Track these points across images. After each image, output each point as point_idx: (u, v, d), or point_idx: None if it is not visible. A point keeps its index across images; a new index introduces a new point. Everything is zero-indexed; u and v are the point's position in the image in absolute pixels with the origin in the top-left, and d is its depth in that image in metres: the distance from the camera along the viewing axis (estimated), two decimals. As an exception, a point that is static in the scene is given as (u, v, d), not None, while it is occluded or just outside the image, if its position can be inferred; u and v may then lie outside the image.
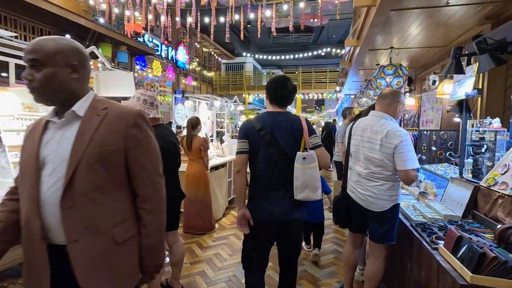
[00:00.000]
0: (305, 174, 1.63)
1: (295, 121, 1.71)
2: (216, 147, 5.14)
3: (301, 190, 1.65)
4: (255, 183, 1.75)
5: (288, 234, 1.77)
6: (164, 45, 10.15)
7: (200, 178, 3.53)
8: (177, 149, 2.21)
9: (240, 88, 18.02)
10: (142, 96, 2.03)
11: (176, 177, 2.22)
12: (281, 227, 1.74)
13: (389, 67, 4.92)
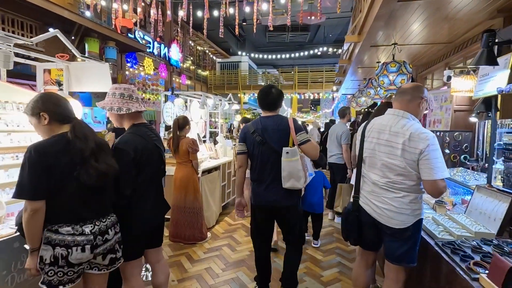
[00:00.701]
0: (289, 166, 1.96)
1: (282, 123, 2.06)
2: (209, 148, 4.81)
3: (287, 179, 1.98)
4: (253, 174, 2.14)
5: (283, 218, 2.17)
6: (156, 42, 9.77)
7: (188, 183, 3.21)
8: (161, 154, 1.89)
9: (236, 88, 17.72)
10: (118, 91, 1.70)
11: (158, 188, 1.89)
12: (275, 211, 2.13)
13: (392, 64, 4.65)
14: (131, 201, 1.67)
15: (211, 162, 4.35)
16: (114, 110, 1.67)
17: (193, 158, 3.20)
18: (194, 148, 3.14)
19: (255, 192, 2.13)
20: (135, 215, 1.69)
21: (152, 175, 1.79)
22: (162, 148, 1.94)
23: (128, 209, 1.65)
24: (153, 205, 1.81)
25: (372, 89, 6.13)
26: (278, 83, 17.91)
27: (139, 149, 1.66)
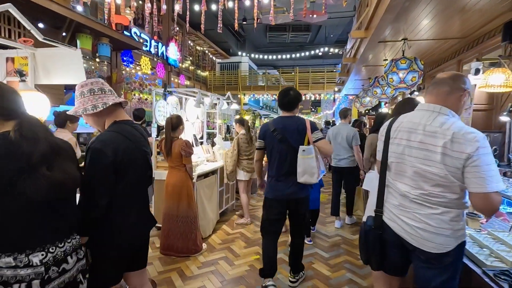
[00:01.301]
0: (304, 162, 2.17)
1: (300, 123, 2.27)
2: (206, 150, 4.49)
3: (302, 175, 2.19)
4: (271, 170, 2.33)
5: (295, 209, 2.36)
6: (153, 41, 9.48)
7: (181, 190, 2.89)
8: (147, 158, 1.57)
9: (236, 88, 17.43)
10: (85, 88, 1.40)
11: (142, 198, 1.57)
12: (290, 203, 2.32)
13: (402, 60, 4.35)
14: (108, 214, 1.36)
15: (208, 165, 4.03)
16: (89, 110, 1.37)
17: (187, 162, 2.88)
18: (187, 151, 2.82)
19: (272, 186, 2.33)
20: (113, 231, 1.39)
21: (135, 183, 1.48)
22: (149, 151, 1.62)
23: (104, 223, 1.34)
24: (136, 219, 1.50)
25: (379, 88, 5.82)
26: (279, 84, 17.61)
27: (120, 151, 1.35)
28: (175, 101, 3.47)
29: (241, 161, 4.04)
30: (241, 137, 4.04)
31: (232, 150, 4.02)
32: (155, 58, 9.73)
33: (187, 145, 2.84)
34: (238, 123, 4.15)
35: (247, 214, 4.07)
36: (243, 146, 4.03)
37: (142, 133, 1.57)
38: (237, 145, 4.02)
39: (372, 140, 3.25)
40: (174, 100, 3.45)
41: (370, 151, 3.24)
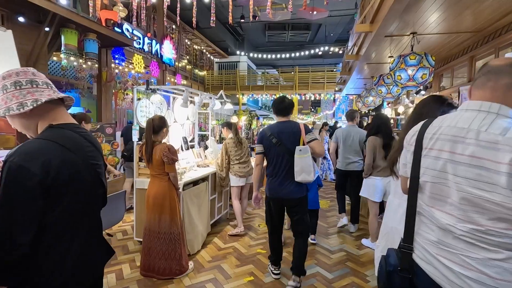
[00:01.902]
0: (302, 161, 2.32)
1: (295, 127, 2.44)
2: (198, 154, 4.12)
3: (299, 173, 2.33)
4: (270, 171, 2.49)
5: (293, 208, 2.47)
6: (147, 38, 9.10)
7: (163, 202, 2.51)
8: (97, 172, 1.19)
9: (234, 88, 17.11)
10: (8, 80, 1.02)
11: (92, 224, 1.19)
12: (285, 203, 2.47)
13: (412, 56, 3.97)
14: (40, 249, 0.98)
15: (199, 171, 3.66)
16: (13, 110, 1.00)
17: (170, 170, 2.50)
18: (170, 157, 2.44)
19: (270, 187, 2.48)
20: (53, 271, 1.01)
21: (80, 207, 1.10)
22: (102, 164, 1.24)
23: (37, 264, 0.98)
24: (83, 253, 1.12)
25: (384, 87, 5.45)
26: (278, 83, 17.27)
27: (53, 166, 0.97)
28: (158, 100, 3.09)
29: (233, 166, 3.67)
30: (228, 141, 3.68)
31: (221, 159, 3.66)
32: (148, 56, 9.35)
33: (170, 150, 2.46)
34: (226, 126, 3.81)
35: (240, 223, 3.70)
36: (232, 151, 3.66)
37: (92, 140, 1.19)
38: (225, 151, 3.65)
39: (374, 143, 3.07)
40: (158, 99, 3.07)
41: (372, 155, 3.07)
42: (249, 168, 3.79)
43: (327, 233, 3.81)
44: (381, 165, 3.05)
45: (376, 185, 3.08)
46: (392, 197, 1.87)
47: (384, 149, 3.00)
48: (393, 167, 1.71)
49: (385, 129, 3.08)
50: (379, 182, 3.07)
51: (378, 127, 3.12)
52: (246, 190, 3.90)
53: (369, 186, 3.16)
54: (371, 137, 3.13)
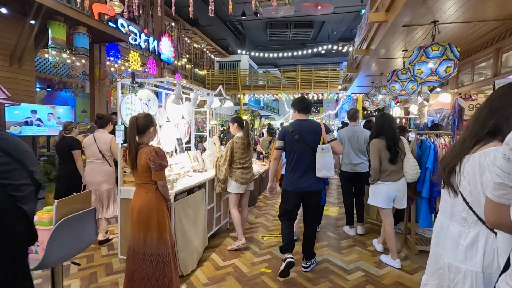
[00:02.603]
0: (323, 159, 2.55)
1: (315, 125, 2.68)
2: (194, 158, 3.69)
3: (320, 170, 2.56)
4: (289, 166, 2.66)
5: (310, 199, 2.70)
6: (144, 34, 8.69)
7: (150, 217, 2.08)
8: (9, 200, 0.76)
9: (235, 88, 16.72)
10: None
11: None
12: (305, 195, 2.67)
13: (434, 47, 3.53)
14: None
15: (194, 177, 3.23)
16: None
17: (158, 178, 2.08)
18: (158, 162, 2.02)
19: (289, 180, 2.65)
20: None
21: None
22: (25, 184, 0.81)
23: None
24: None
25: (398, 83, 5.00)
26: (280, 83, 16.86)
27: None
28: (146, 95, 2.66)
29: (234, 171, 3.24)
30: (236, 141, 3.24)
31: (225, 158, 3.22)
32: (145, 54, 8.94)
33: (158, 154, 2.04)
34: (236, 123, 3.33)
35: (241, 235, 3.27)
36: (238, 153, 3.23)
37: (6, 149, 0.76)
38: (231, 151, 3.22)
39: (378, 146, 2.91)
40: (146, 95, 2.64)
41: (378, 159, 2.90)
42: (251, 174, 3.36)
43: (340, 247, 3.37)
44: (388, 169, 2.89)
45: (385, 191, 2.89)
46: (447, 220, 1.42)
47: (389, 151, 2.88)
48: (449, 178, 1.28)
49: (389, 130, 2.93)
50: (388, 187, 2.89)
51: (381, 128, 2.98)
52: (246, 197, 3.47)
53: (378, 193, 2.94)
54: (374, 140, 2.96)
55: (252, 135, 7.21)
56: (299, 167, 2.60)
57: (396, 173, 2.89)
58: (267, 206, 5.02)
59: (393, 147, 2.87)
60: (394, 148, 2.87)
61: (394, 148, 2.87)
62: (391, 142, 2.88)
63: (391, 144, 2.88)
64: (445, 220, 1.44)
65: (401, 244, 3.45)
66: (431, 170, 2.99)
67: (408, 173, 2.90)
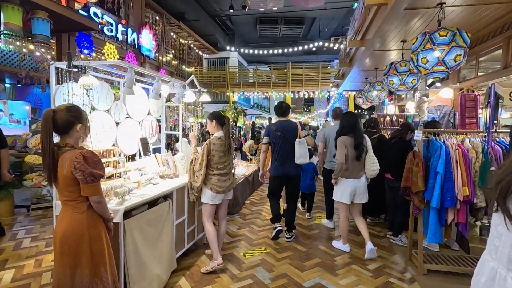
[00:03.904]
0: (300, 150, 3.24)
1: (293, 124, 3.42)
2: (163, 161, 3.12)
3: (298, 158, 3.25)
4: (274, 156, 3.39)
5: (291, 182, 3.42)
6: (121, 25, 8.02)
7: (79, 248, 1.51)
8: None
9: (224, 86, 16.13)
10: None
11: None
12: (288, 178, 3.39)
13: (442, 32, 3.05)
14: None
15: (161, 184, 2.66)
16: None
17: (89, 193, 1.50)
18: (87, 171, 1.45)
19: (275, 167, 3.38)
20: None
21: None
22: None
23: None
24: None
25: (396, 76, 4.53)
26: (270, 81, 16.36)
27: None
28: (86, 83, 2.05)
29: (210, 177, 2.69)
30: (214, 142, 2.69)
31: (201, 161, 2.66)
32: (123, 46, 8.28)
33: (87, 159, 1.46)
34: (215, 120, 2.77)
35: (216, 253, 2.72)
36: (216, 156, 2.68)
37: None
38: (207, 153, 2.66)
39: (347, 143, 3.03)
40: (88, 82, 2.04)
41: (344, 155, 3.01)
42: (231, 181, 2.82)
43: (334, 267, 2.86)
44: (353, 165, 3.05)
45: (349, 187, 3.06)
46: (503, 268, 0.89)
47: (356, 148, 3.01)
48: (506, 201, 0.80)
49: (358, 128, 3.08)
50: (351, 184, 3.06)
51: (351, 126, 3.07)
52: (225, 208, 2.92)
53: (342, 189, 3.11)
54: (343, 137, 3.08)
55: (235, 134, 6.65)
56: (282, 157, 3.34)
57: (359, 170, 3.07)
58: (253, 214, 4.49)
59: (360, 144, 3.01)
60: (361, 146, 3.01)
61: (361, 145, 3.02)
62: (359, 140, 3.02)
63: (359, 142, 3.02)
64: (499, 267, 0.92)
65: (405, 261, 2.96)
66: (442, 176, 2.50)
67: (369, 169, 3.08)
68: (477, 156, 2.53)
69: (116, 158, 2.51)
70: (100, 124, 2.42)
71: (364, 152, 3.05)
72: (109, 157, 2.51)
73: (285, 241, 3.44)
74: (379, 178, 3.99)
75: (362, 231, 3.08)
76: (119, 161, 2.56)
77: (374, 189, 4.05)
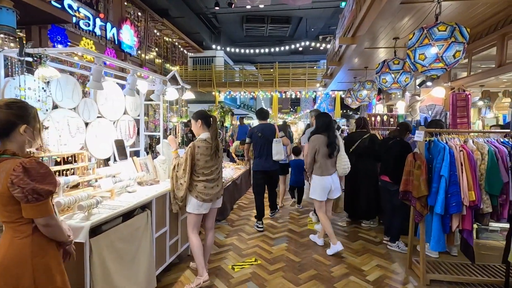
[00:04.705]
0: (277, 147, 3.78)
1: (271, 126, 3.98)
2: (142, 166, 2.80)
3: (275, 155, 3.79)
4: (256, 154, 3.92)
5: (271, 177, 4.02)
6: (99, 19, 7.54)
7: (19, 285, 1.18)
8: None
9: (210, 85, 15.75)
10: None
11: None
12: (268, 173, 3.93)
13: (441, 26, 2.89)
14: None
15: (138, 192, 2.35)
16: None
17: (33, 214, 1.18)
18: (28, 187, 1.12)
19: (257, 163, 3.90)
20: None
21: None
22: None
23: None
24: None
25: (389, 74, 4.38)
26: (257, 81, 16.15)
27: None
28: (46, 75, 1.71)
29: (195, 184, 2.41)
30: (199, 144, 2.39)
31: (184, 166, 2.37)
32: (102, 42, 7.79)
33: (29, 171, 1.14)
34: (201, 120, 2.48)
35: (202, 269, 2.43)
36: (201, 160, 2.39)
37: None
38: (191, 157, 2.37)
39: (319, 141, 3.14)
40: (49, 74, 1.70)
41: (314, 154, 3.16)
42: (219, 188, 2.54)
43: (331, 280, 2.63)
44: (326, 163, 3.16)
45: (324, 185, 3.15)
46: None
47: (329, 147, 3.13)
48: None
49: (332, 127, 3.21)
50: (326, 181, 3.15)
51: (328, 125, 3.19)
52: (212, 218, 2.65)
53: (316, 187, 3.18)
54: (317, 135, 3.19)
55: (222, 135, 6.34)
56: (262, 154, 3.86)
57: (331, 168, 3.18)
58: (241, 220, 4.21)
59: (333, 143, 3.13)
60: (334, 144, 3.13)
61: (334, 144, 3.14)
62: (332, 139, 3.13)
63: (332, 140, 3.13)
64: None
65: (406, 270, 2.78)
66: (447, 179, 2.32)
67: (340, 167, 3.20)
68: (483, 157, 2.37)
69: (85, 163, 2.17)
70: (65, 124, 2.08)
71: (336, 151, 3.19)
72: (76, 163, 2.17)
73: (276, 250, 3.20)
74: (372, 180, 3.86)
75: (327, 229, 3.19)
76: (89, 167, 2.23)
77: (368, 192, 3.91)
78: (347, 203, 4.28)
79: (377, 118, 5.68)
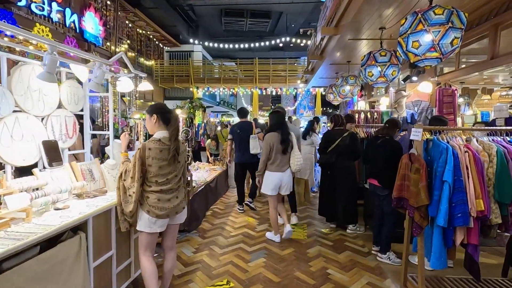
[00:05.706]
0: (254, 142, 4.26)
1: (249, 124, 4.59)
2: (85, 173, 2.24)
3: (252, 149, 4.27)
4: (237, 148, 4.53)
5: (249, 166, 4.58)
6: (57, 4, 6.72)
7: None
8: None
9: (187, 81, 15.06)
10: None
11: None
12: (248, 165, 4.55)
13: (438, 10, 2.54)
14: None
15: (73, 208, 1.81)
16: None
17: None
18: None
19: (238, 156, 4.53)
20: None
21: None
22: None
23: None
24: None
25: (375, 67, 4.04)
26: (236, 77, 15.63)
27: None
28: None
29: (147, 196, 1.91)
30: (150, 146, 1.89)
31: (132, 174, 1.85)
32: (59, 29, 6.96)
33: None
34: (157, 115, 1.97)
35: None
36: (154, 165, 1.89)
37: None
38: (141, 161, 1.86)
39: (273, 139, 3.23)
40: None
41: (268, 152, 3.25)
42: (179, 200, 2.05)
43: None
44: (279, 159, 3.25)
45: (276, 180, 3.24)
46: None
47: (283, 144, 3.22)
48: None
49: (286, 125, 3.36)
50: (277, 177, 3.25)
51: (280, 123, 3.32)
52: (172, 236, 2.15)
53: (268, 183, 3.28)
54: (270, 134, 3.28)
55: (191, 134, 5.79)
56: (241, 148, 4.43)
57: (285, 164, 3.27)
58: (215, 230, 3.73)
59: (286, 140, 3.23)
60: (287, 141, 3.23)
61: (288, 140, 3.24)
62: (285, 136, 3.24)
63: (285, 137, 3.23)
64: None
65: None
66: (451, 186, 1.96)
67: (294, 163, 3.27)
68: (490, 160, 2.03)
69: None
70: (-44, 121, 1.51)
71: (290, 147, 3.27)
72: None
73: (253, 268, 2.75)
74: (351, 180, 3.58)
75: (282, 215, 3.43)
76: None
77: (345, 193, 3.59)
78: (322, 204, 3.96)
79: (361, 115, 5.38)
